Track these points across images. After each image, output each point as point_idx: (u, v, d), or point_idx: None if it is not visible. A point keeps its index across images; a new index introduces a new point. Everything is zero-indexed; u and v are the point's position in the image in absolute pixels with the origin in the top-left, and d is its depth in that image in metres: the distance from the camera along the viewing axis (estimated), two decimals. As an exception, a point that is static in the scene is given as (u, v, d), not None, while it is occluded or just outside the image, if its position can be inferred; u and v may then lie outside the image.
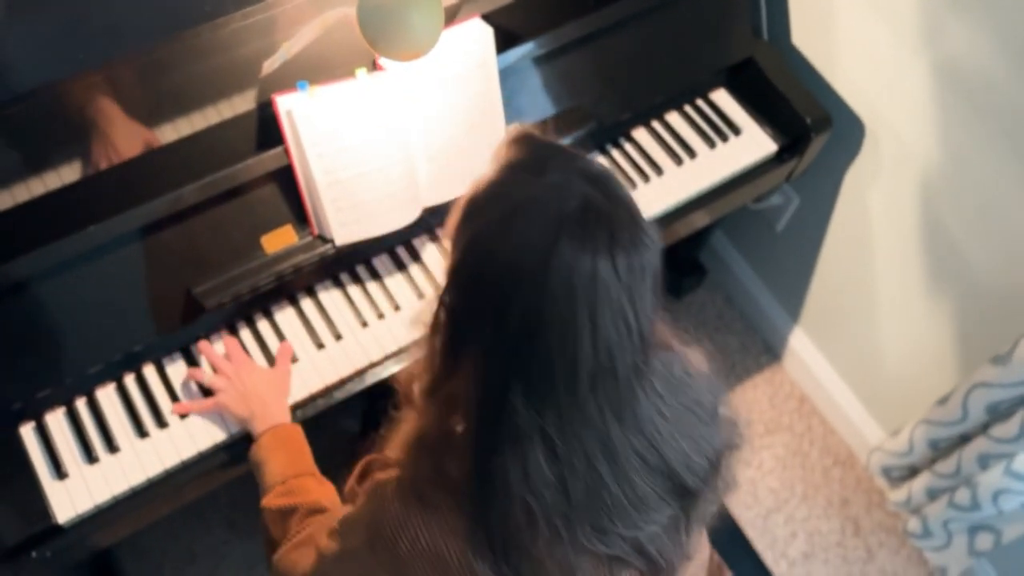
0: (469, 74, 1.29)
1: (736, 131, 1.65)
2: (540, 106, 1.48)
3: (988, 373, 1.55)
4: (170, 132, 1.24)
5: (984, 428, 1.65)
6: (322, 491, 1.17)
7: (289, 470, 1.18)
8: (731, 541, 1.51)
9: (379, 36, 0.98)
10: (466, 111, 1.32)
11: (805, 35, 1.74)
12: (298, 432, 1.25)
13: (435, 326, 0.82)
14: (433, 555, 0.84)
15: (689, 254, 2.25)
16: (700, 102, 1.68)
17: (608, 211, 0.74)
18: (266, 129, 1.27)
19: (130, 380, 1.33)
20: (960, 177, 1.57)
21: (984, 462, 1.65)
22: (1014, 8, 1.34)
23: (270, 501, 1.15)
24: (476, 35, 1.28)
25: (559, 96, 1.50)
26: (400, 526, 0.85)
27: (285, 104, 1.20)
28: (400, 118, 1.27)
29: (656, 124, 1.64)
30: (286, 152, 1.26)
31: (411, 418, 0.89)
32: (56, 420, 1.29)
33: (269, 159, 1.27)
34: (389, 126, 1.26)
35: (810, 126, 1.63)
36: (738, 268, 2.26)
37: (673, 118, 1.65)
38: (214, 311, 1.30)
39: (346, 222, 1.32)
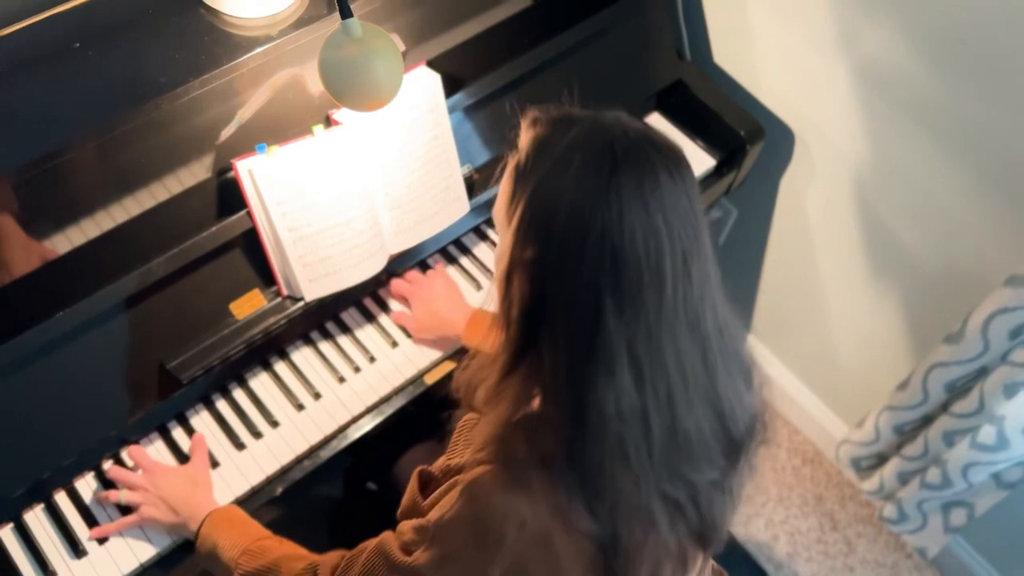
0: (422, 119, 1.31)
1: (675, 151, 1.71)
2: (484, 147, 1.51)
3: (943, 352, 1.62)
4: (126, 210, 1.22)
5: (945, 407, 1.72)
6: (285, 546, 1.14)
7: (243, 540, 1.15)
8: (727, 548, 1.53)
9: (344, 89, 1.00)
10: (422, 156, 1.34)
11: (726, 53, 1.82)
12: (236, 509, 1.23)
13: (508, 296, 0.85)
14: (540, 537, 0.85)
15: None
16: (638, 127, 1.73)
17: (646, 131, 0.82)
18: (226, 196, 1.26)
19: (109, 466, 1.29)
20: (888, 170, 1.65)
21: (950, 439, 1.72)
22: (922, 9, 1.43)
23: (243, 571, 1.11)
24: (425, 81, 1.30)
25: (504, 137, 1.53)
26: (505, 515, 0.85)
27: (245, 167, 1.20)
28: (360, 169, 1.28)
29: (599, 152, 1.69)
30: (249, 215, 1.25)
31: (487, 416, 0.90)
32: (36, 518, 1.24)
33: (232, 225, 1.26)
34: (350, 178, 1.27)
35: (744, 138, 1.70)
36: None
37: (614, 145, 1.70)
38: (188, 384, 1.28)
39: (314, 277, 1.32)
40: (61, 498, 1.26)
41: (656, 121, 1.75)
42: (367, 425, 1.38)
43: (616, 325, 0.79)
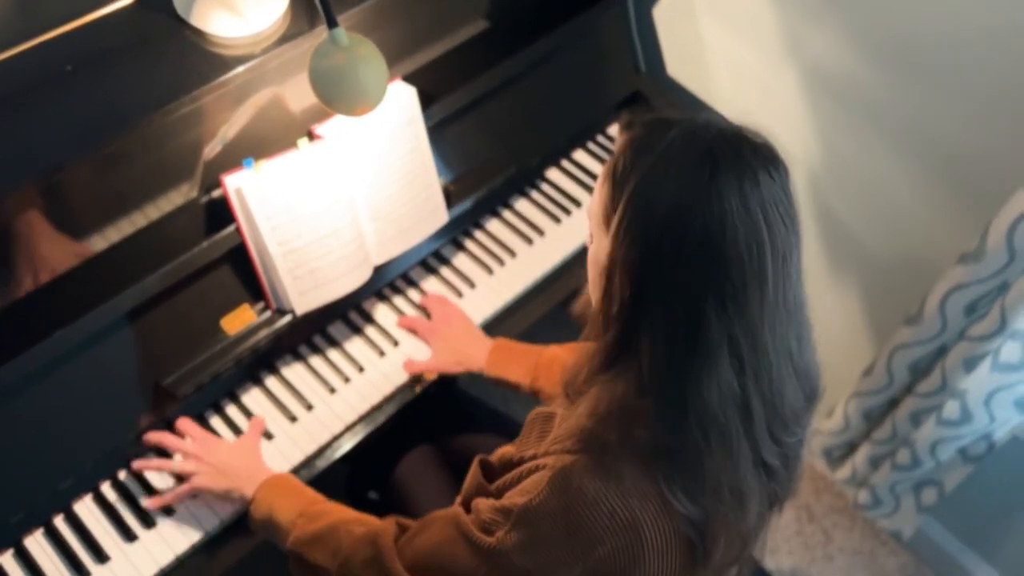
0: (401, 132, 1.37)
1: (638, 158, 1.78)
2: (461, 159, 1.56)
3: (904, 334, 1.70)
4: (118, 230, 1.25)
5: (910, 389, 1.80)
6: (341, 510, 1.17)
7: (300, 503, 1.18)
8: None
9: (333, 96, 1.05)
10: (401, 168, 1.39)
11: (679, 66, 1.91)
12: (291, 476, 1.27)
13: (608, 294, 0.87)
14: (630, 525, 0.87)
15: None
16: (601, 138, 1.81)
17: (742, 131, 0.86)
18: (213, 213, 1.29)
19: (106, 487, 1.30)
20: (839, 167, 1.75)
21: (916, 419, 1.79)
22: (863, 14, 1.53)
23: (299, 534, 1.14)
24: (402, 95, 1.36)
25: (477, 149, 1.59)
26: (596, 504, 0.87)
27: (233, 183, 1.24)
28: (343, 181, 1.32)
29: (566, 164, 1.75)
30: (238, 230, 1.29)
31: (578, 408, 0.93)
32: (36, 542, 1.24)
33: (221, 240, 1.29)
34: (335, 190, 1.31)
35: (703, 143, 1.78)
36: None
37: (580, 156, 1.77)
38: (183, 401, 1.30)
39: (304, 290, 1.35)
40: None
41: (616, 132, 1.82)
42: (360, 433, 1.40)
43: (718, 322, 0.82)
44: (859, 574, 2.15)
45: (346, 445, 1.39)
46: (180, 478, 1.29)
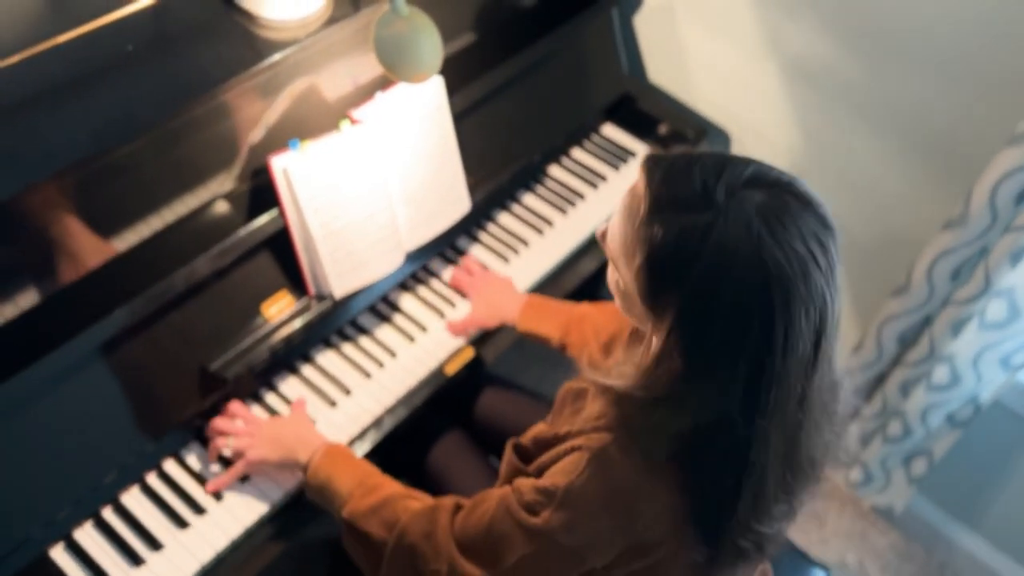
0: (430, 118, 1.42)
1: (632, 154, 1.87)
2: (468, 156, 1.62)
3: (892, 306, 1.81)
4: (165, 216, 1.27)
5: (897, 360, 1.90)
6: (396, 485, 1.18)
7: (359, 474, 1.19)
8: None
9: (397, 61, 1.10)
10: (430, 154, 1.44)
11: (660, 70, 2.02)
12: (347, 448, 1.27)
13: (663, 357, 0.89)
14: (668, 496, 0.92)
15: (588, 293, 2.42)
16: (595, 137, 1.89)
17: (786, 194, 0.86)
18: (258, 196, 1.32)
19: (153, 478, 1.29)
20: (821, 153, 1.87)
21: (906, 389, 1.89)
22: (838, 6, 1.66)
23: (355, 505, 1.15)
24: (430, 82, 1.41)
25: (481, 148, 1.65)
26: (638, 488, 0.92)
27: (280, 163, 1.27)
28: (381, 165, 1.36)
29: (566, 160, 1.83)
30: (281, 212, 1.31)
31: (623, 392, 0.95)
32: (87, 535, 1.22)
33: (266, 224, 1.31)
34: (372, 174, 1.35)
35: (691, 137, 1.88)
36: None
37: (578, 153, 1.85)
38: (232, 384, 1.30)
39: (342, 272, 1.37)
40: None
41: (609, 130, 1.91)
42: (401, 414, 1.42)
43: (770, 365, 0.85)
44: (852, 555, 2.23)
45: (386, 427, 1.41)
46: (227, 462, 1.29)
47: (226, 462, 1.31)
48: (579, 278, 1.72)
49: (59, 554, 1.20)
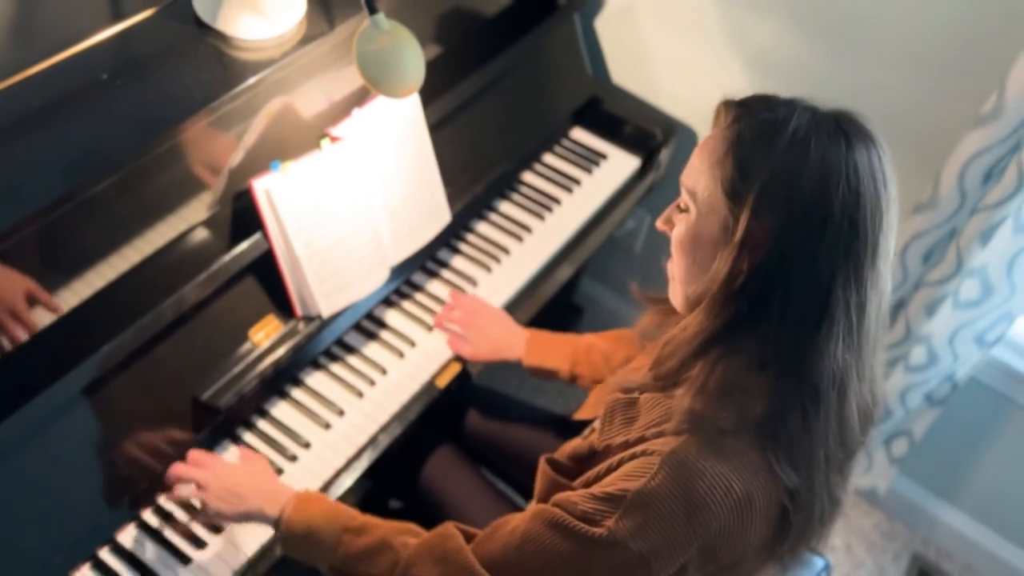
0: (407, 132, 1.41)
1: (603, 157, 1.88)
2: (458, 162, 1.61)
3: (867, 291, 1.84)
4: (149, 242, 1.24)
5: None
6: (387, 523, 1.13)
7: (341, 518, 1.13)
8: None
9: (381, 76, 1.09)
10: (409, 167, 1.43)
11: (624, 72, 2.03)
12: (318, 493, 1.20)
13: (734, 270, 0.91)
14: (744, 501, 0.91)
15: (562, 299, 2.43)
16: (565, 141, 1.89)
17: (850, 112, 0.95)
18: (239, 221, 1.30)
19: (148, 514, 1.26)
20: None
21: (884, 372, 1.92)
22: (801, 2, 1.69)
23: (348, 550, 1.10)
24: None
25: (452, 161, 1.65)
26: (713, 483, 0.90)
27: (262, 185, 1.25)
28: (362, 182, 1.35)
29: (539, 167, 1.83)
30: (265, 235, 1.29)
31: (683, 387, 0.96)
32: (84, 576, 1.19)
33: (249, 248, 1.29)
34: (355, 191, 1.34)
35: (660, 136, 1.90)
36: (610, 301, 2.47)
37: (550, 159, 1.85)
38: (225, 415, 1.28)
39: (329, 292, 1.36)
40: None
41: (579, 133, 1.92)
42: (394, 432, 1.41)
43: (843, 293, 0.88)
44: (838, 538, 2.26)
45: (382, 445, 1.39)
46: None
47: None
48: (556, 286, 1.72)
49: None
